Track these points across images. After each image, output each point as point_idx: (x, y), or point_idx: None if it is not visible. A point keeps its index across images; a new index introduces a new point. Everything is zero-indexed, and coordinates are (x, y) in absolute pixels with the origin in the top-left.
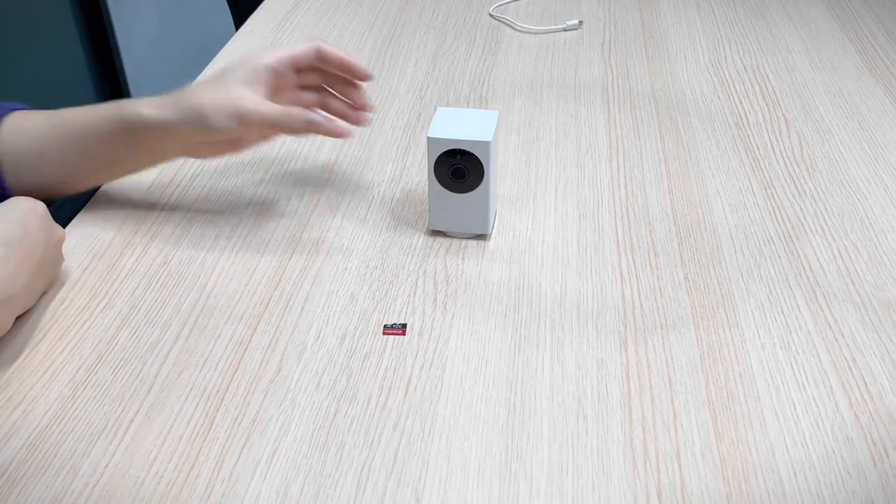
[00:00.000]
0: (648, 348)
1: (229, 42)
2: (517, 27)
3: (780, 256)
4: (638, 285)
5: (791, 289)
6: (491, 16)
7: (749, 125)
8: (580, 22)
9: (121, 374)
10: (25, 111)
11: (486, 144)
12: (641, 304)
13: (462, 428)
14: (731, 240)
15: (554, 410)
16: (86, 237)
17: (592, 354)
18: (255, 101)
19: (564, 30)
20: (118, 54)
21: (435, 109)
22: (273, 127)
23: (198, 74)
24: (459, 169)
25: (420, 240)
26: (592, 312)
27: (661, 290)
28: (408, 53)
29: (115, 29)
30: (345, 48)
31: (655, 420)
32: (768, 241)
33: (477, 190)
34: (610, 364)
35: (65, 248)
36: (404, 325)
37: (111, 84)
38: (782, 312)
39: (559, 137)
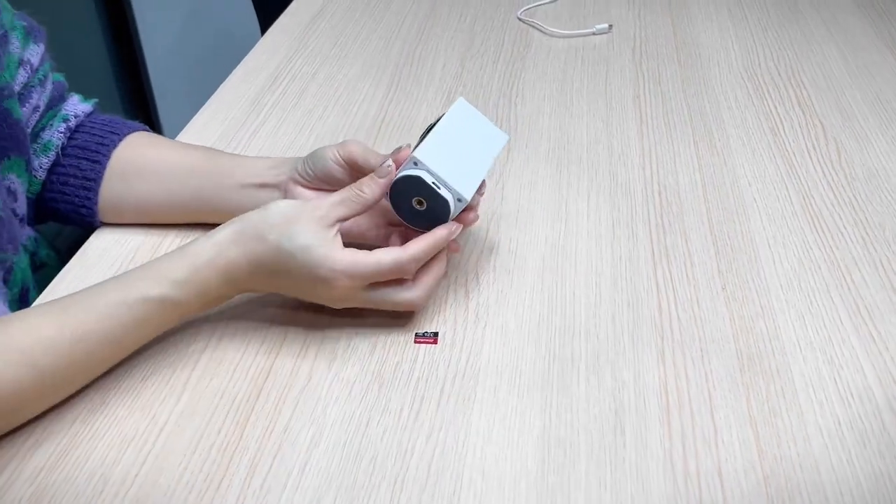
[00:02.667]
0: (686, 361)
1: (257, 45)
2: (546, 31)
3: (819, 267)
4: (674, 296)
5: (832, 300)
6: (519, 19)
7: (785, 132)
8: (610, 26)
9: (150, 380)
10: (150, 133)
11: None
12: (678, 315)
13: (497, 440)
14: (769, 249)
15: (591, 423)
16: (116, 241)
17: (629, 366)
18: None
19: (594, 34)
20: (142, 55)
21: None
22: (367, 158)
23: (223, 77)
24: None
25: None
26: (628, 323)
27: (698, 301)
28: (435, 56)
29: (139, 30)
30: (371, 51)
31: (696, 435)
32: (807, 250)
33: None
34: (647, 376)
35: (95, 253)
36: (436, 334)
37: (134, 86)
38: (824, 325)
39: (590, 143)
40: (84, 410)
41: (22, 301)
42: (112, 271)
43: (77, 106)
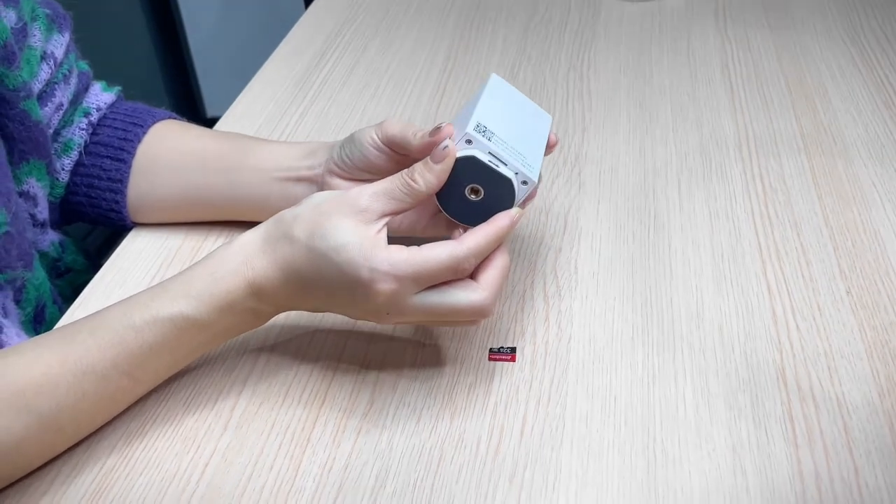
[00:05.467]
0: (813, 382)
1: (301, 19)
2: None
3: None
4: (790, 301)
5: None
6: None
7: None
8: None
9: (192, 407)
10: (177, 120)
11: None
12: (798, 325)
13: (593, 482)
14: None
15: (704, 462)
16: (153, 242)
17: (744, 389)
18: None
19: None
20: (184, 32)
21: (530, 91)
22: (409, 139)
23: (266, 54)
24: None
25: (525, 246)
26: (739, 335)
27: (819, 308)
28: (496, 26)
29: (181, 6)
30: (425, 23)
31: (832, 477)
32: None
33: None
34: (767, 402)
35: (130, 256)
36: (513, 350)
37: (177, 65)
38: None
39: (677, 121)
40: (120, 441)
41: (37, 321)
42: (149, 276)
43: (99, 97)
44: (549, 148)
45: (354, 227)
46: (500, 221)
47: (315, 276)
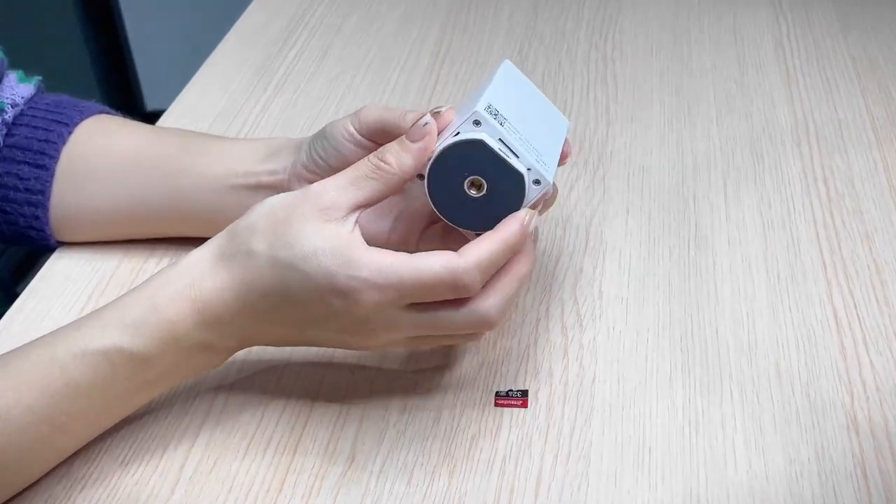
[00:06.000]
0: (890, 429)
1: (249, 6)
2: None
3: None
4: (862, 331)
5: None
6: None
7: None
8: None
9: (132, 466)
10: (109, 116)
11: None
12: (871, 361)
13: None
14: None
15: None
16: (82, 264)
17: (807, 439)
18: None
19: None
20: (119, 10)
21: (542, 78)
22: (390, 120)
23: (218, 36)
24: None
25: (538, 266)
26: (799, 372)
27: None
28: (499, 2)
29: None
30: (410, 1)
31: None
32: None
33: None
34: (835, 455)
35: (56, 281)
36: (525, 393)
37: (111, 51)
38: None
39: (721, 111)
40: None
41: None
42: (79, 306)
43: (15, 89)
44: (562, 158)
45: (322, 229)
46: (508, 227)
47: (282, 292)
